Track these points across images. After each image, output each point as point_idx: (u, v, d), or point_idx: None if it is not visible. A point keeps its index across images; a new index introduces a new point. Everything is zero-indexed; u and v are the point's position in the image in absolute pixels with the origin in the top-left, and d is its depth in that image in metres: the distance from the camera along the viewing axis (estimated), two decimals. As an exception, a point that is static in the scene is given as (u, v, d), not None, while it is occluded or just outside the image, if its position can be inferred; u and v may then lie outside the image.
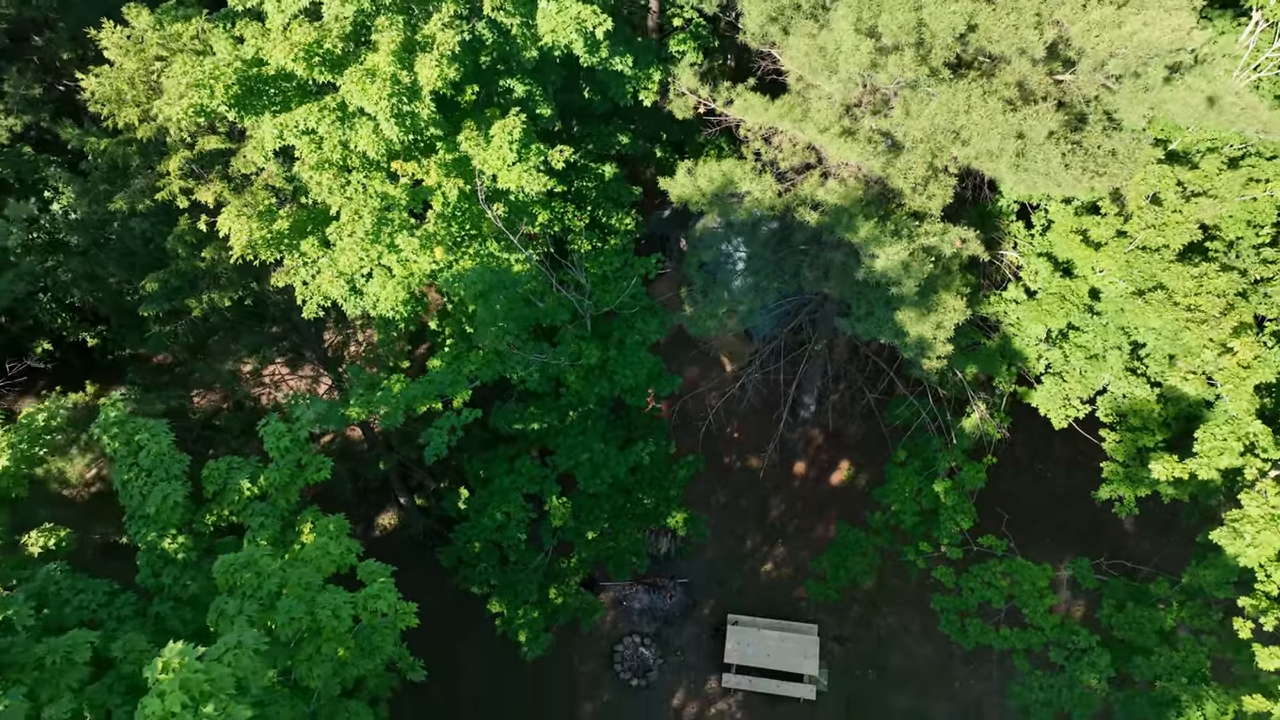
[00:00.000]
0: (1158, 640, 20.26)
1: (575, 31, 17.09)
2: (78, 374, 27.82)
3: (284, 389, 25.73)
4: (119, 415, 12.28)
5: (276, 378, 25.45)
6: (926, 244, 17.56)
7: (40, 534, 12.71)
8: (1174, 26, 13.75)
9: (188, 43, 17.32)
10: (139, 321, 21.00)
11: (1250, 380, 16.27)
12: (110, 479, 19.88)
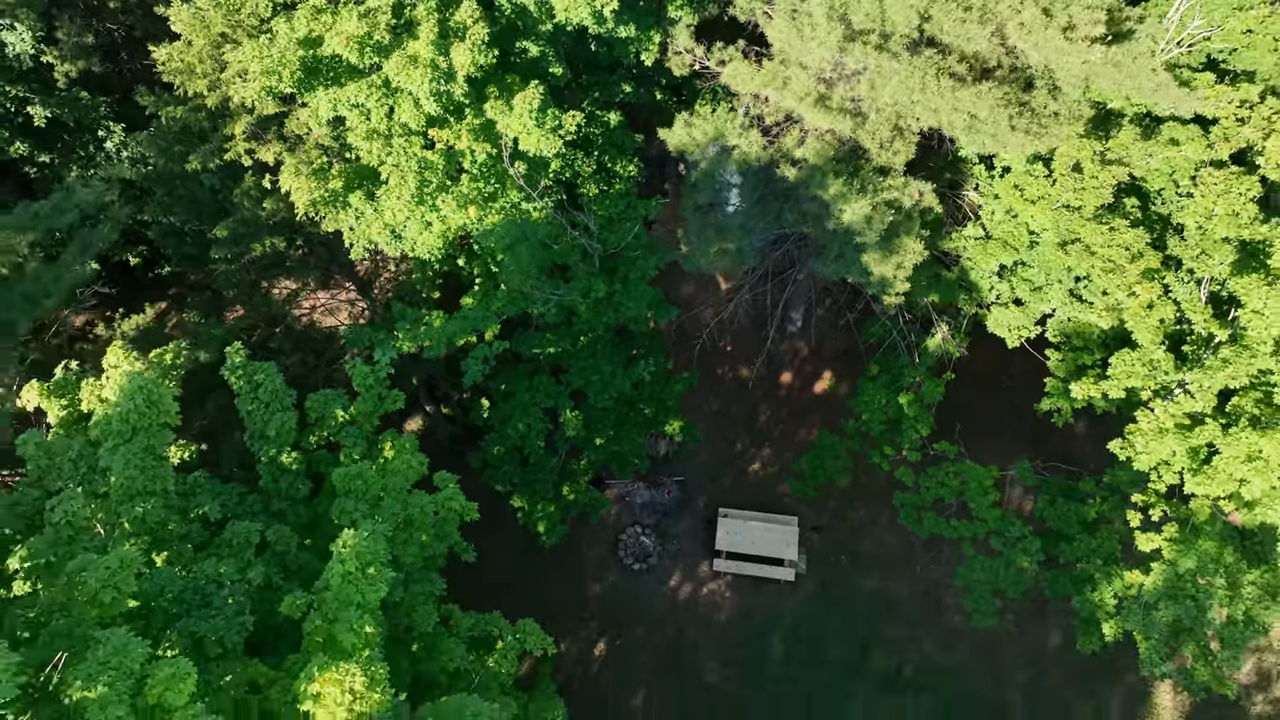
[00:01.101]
0: (1080, 529, 24.47)
1: (586, 8, 20.07)
2: (122, 291, 31.46)
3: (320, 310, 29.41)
4: (242, 360, 15.96)
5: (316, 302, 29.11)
6: (888, 198, 20.94)
7: (177, 449, 16.49)
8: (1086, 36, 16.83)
9: (245, 19, 20.31)
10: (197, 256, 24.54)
11: (1153, 317, 19.92)
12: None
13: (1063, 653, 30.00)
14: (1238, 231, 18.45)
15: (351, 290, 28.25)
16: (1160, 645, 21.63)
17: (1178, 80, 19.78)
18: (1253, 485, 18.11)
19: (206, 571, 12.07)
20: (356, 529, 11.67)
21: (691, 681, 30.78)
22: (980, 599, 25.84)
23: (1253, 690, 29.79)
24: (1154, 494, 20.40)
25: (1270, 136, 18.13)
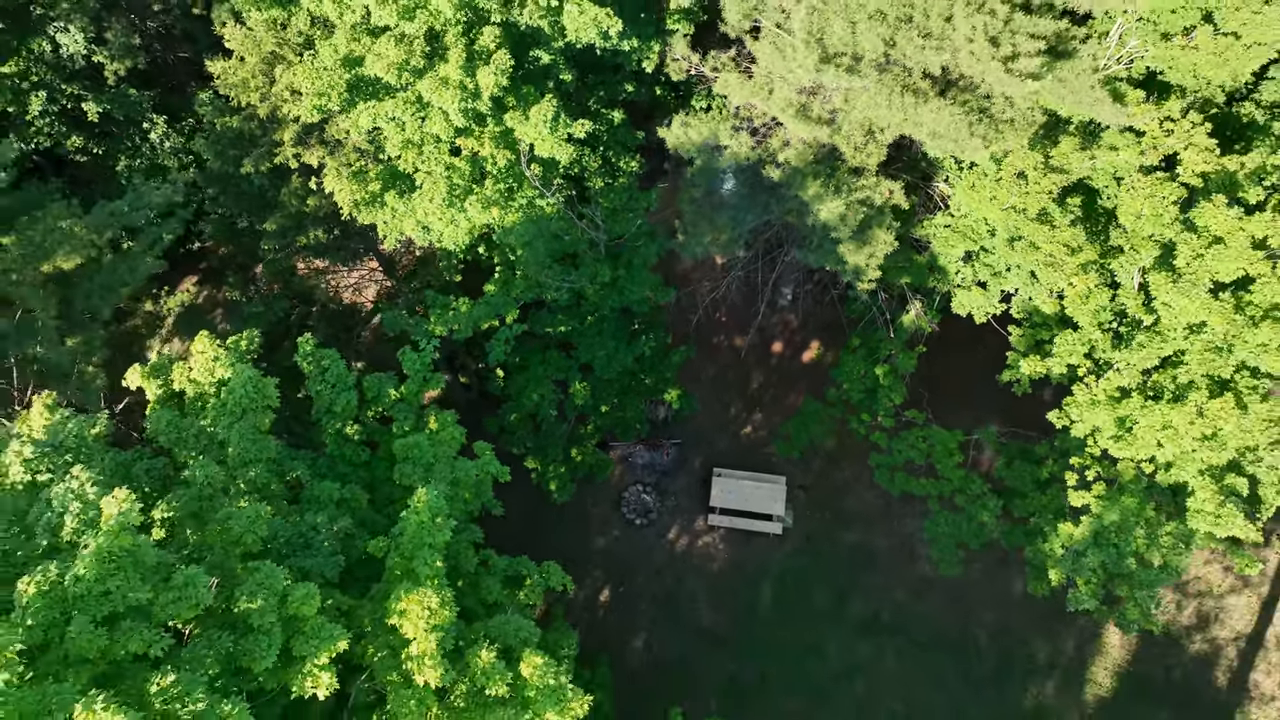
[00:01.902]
0: (1034, 487, 28.13)
1: (594, 30, 23.21)
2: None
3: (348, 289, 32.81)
4: (311, 348, 19.36)
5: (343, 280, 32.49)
6: (861, 197, 24.26)
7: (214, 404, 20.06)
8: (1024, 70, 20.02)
9: (291, 38, 23.46)
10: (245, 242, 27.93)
11: (1090, 304, 23.34)
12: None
13: (1024, 598, 33.77)
14: (1161, 230, 21.81)
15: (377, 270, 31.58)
16: (1096, 587, 25.38)
17: (1114, 94, 23.01)
18: (1165, 450, 21.70)
19: (307, 521, 15.60)
20: (420, 489, 15.25)
21: (688, 625, 34.65)
22: (945, 550, 29.61)
23: (1192, 631, 33.72)
24: (1090, 457, 23.99)
25: (1188, 148, 21.40)
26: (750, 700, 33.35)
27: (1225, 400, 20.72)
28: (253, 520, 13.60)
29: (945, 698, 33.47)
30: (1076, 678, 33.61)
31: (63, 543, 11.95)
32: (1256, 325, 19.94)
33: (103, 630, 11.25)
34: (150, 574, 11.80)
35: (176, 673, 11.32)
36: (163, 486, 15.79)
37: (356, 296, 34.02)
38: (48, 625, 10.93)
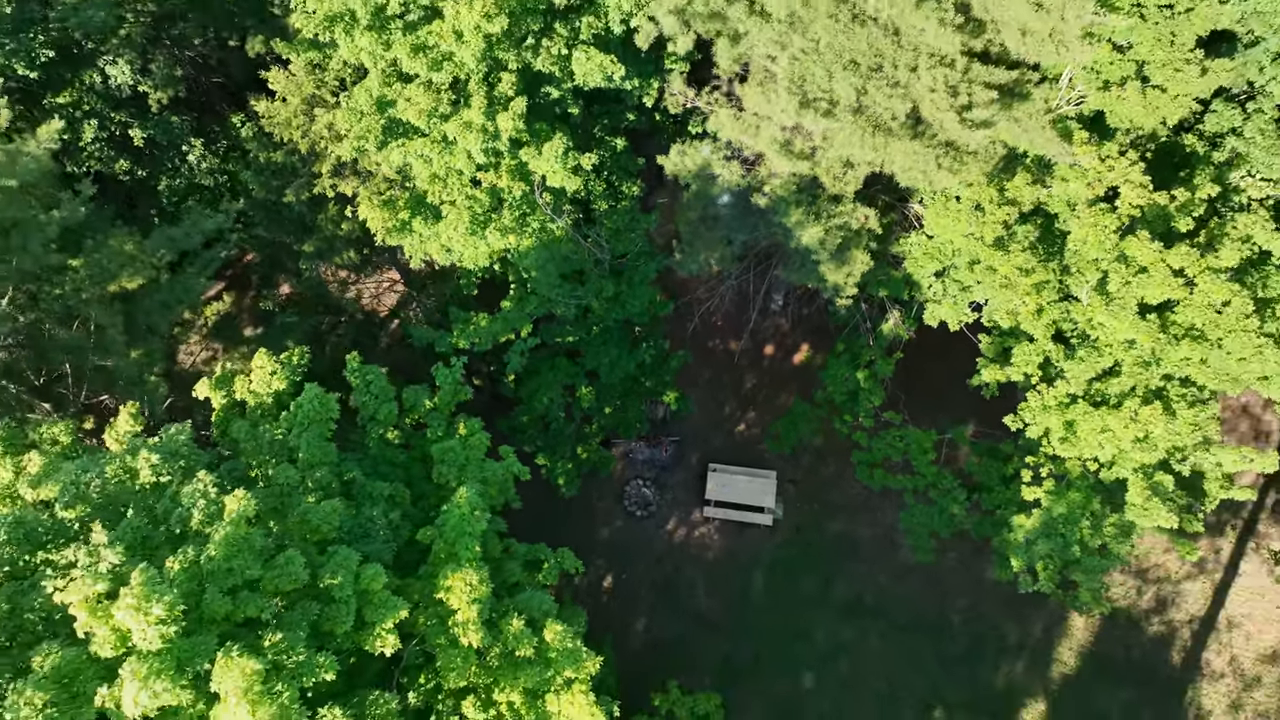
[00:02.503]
0: (999, 482, 31.49)
1: (599, 74, 26.48)
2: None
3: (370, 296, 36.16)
4: (358, 365, 22.63)
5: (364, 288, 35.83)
6: (839, 222, 27.57)
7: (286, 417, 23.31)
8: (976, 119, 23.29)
9: (329, 81, 26.72)
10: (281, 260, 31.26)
11: (1042, 319, 26.66)
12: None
13: (996, 584, 37.17)
14: (1102, 255, 25.12)
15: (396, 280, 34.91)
16: (1053, 573, 28.77)
17: (1063, 133, 26.31)
18: (1105, 450, 25.08)
19: (364, 514, 18.90)
20: (460, 488, 18.58)
21: (685, 609, 38.11)
22: (920, 538, 33.01)
23: (1150, 614, 37.21)
24: (1043, 456, 27.38)
25: (1126, 184, 24.69)
26: (743, 679, 36.81)
27: (1155, 407, 24.08)
28: (328, 514, 16.89)
29: (923, 676, 36.97)
30: (1043, 657, 37.11)
31: (191, 531, 15.22)
32: (1178, 343, 23.30)
33: (228, 598, 14.52)
34: (259, 556, 15.10)
35: (282, 632, 14.62)
36: (241, 484, 19.05)
37: (376, 304, 37.35)
38: (188, 594, 14.13)
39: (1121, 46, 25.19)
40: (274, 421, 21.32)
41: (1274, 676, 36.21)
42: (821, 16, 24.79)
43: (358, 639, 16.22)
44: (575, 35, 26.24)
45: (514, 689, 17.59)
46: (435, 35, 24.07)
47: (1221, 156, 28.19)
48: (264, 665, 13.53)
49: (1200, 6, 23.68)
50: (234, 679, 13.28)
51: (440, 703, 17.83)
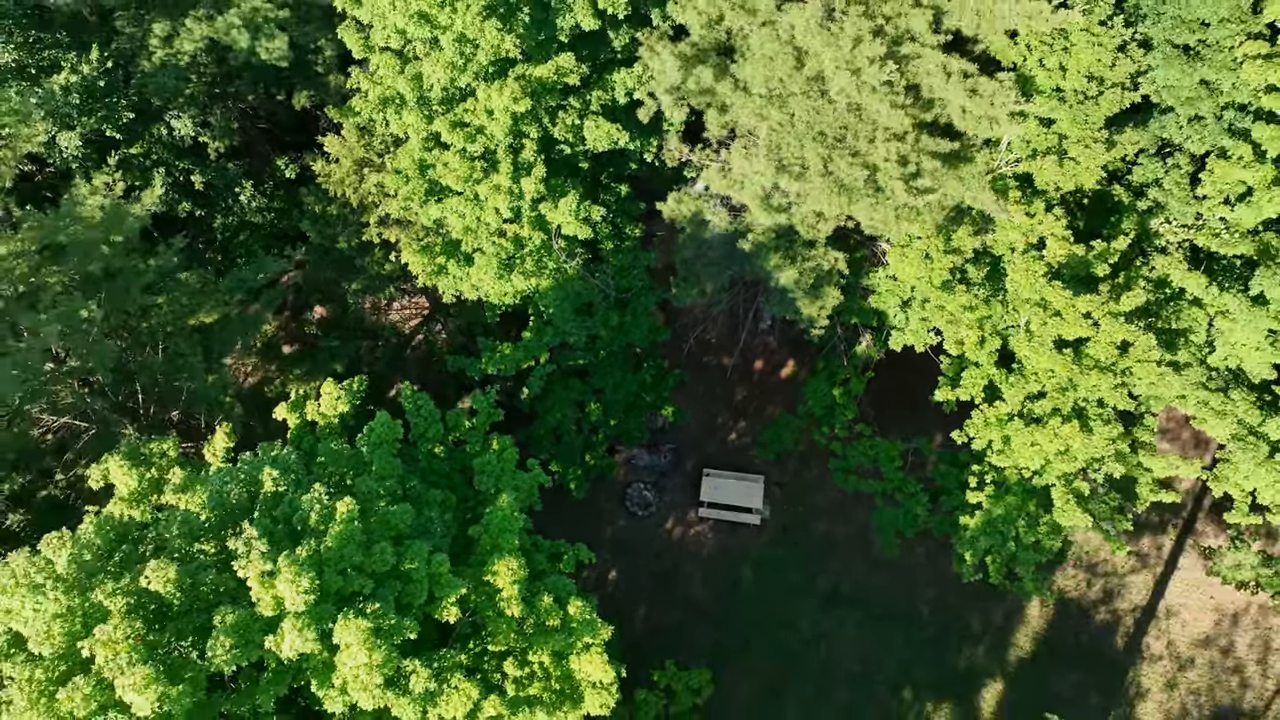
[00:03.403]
0: (958, 486, 37.08)
1: (607, 141, 32.06)
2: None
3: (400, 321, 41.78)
4: (411, 392, 28.10)
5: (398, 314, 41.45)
6: (813, 265, 33.17)
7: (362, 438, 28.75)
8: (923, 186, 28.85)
9: (376, 145, 32.30)
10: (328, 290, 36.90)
11: (986, 348, 32.24)
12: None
13: (960, 577, 42.84)
14: (1032, 294, 30.70)
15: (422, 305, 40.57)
16: (1000, 566, 34.39)
17: (1000, 190, 31.92)
18: (1034, 461, 30.71)
19: (424, 515, 24.37)
20: (503, 494, 24.07)
21: (681, 599, 43.76)
22: (888, 536, 38.67)
23: (1098, 604, 42.90)
24: (987, 465, 33.01)
25: (1050, 237, 30.28)
26: (734, 662, 42.45)
27: (1073, 425, 29.72)
28: (401, 515, 22.33)
29: (894, 659, 42.66)
30: (1002, 643, 42.81)
31: (309, 528, 20.68)
32: (1088, 373, 28.91)
33: (339, 577, 19.97)
34: (360, 546, 20.56)
35: (378, 603, 20.10)
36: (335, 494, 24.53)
37: (403, 326, 42.98)
38: (312, 575, 19.56)
39: (1047, 121, 30.76)
40: (339, 438, 26.94)
41: (1206, 659, 41.91)
42: (795, 94, 30.44)
43: (428, 610, 21.68)
44: (586, 107, 31.79)
45: (544, 651, 23.11)
46: (470, 114, 29.64)
47: (1145, 205, 33.89)
48: (370, 625, 18.98)
49: (1108, 93, 29.27)
50: (352, 634, 18.76)
51: (486, 663, 23.32)
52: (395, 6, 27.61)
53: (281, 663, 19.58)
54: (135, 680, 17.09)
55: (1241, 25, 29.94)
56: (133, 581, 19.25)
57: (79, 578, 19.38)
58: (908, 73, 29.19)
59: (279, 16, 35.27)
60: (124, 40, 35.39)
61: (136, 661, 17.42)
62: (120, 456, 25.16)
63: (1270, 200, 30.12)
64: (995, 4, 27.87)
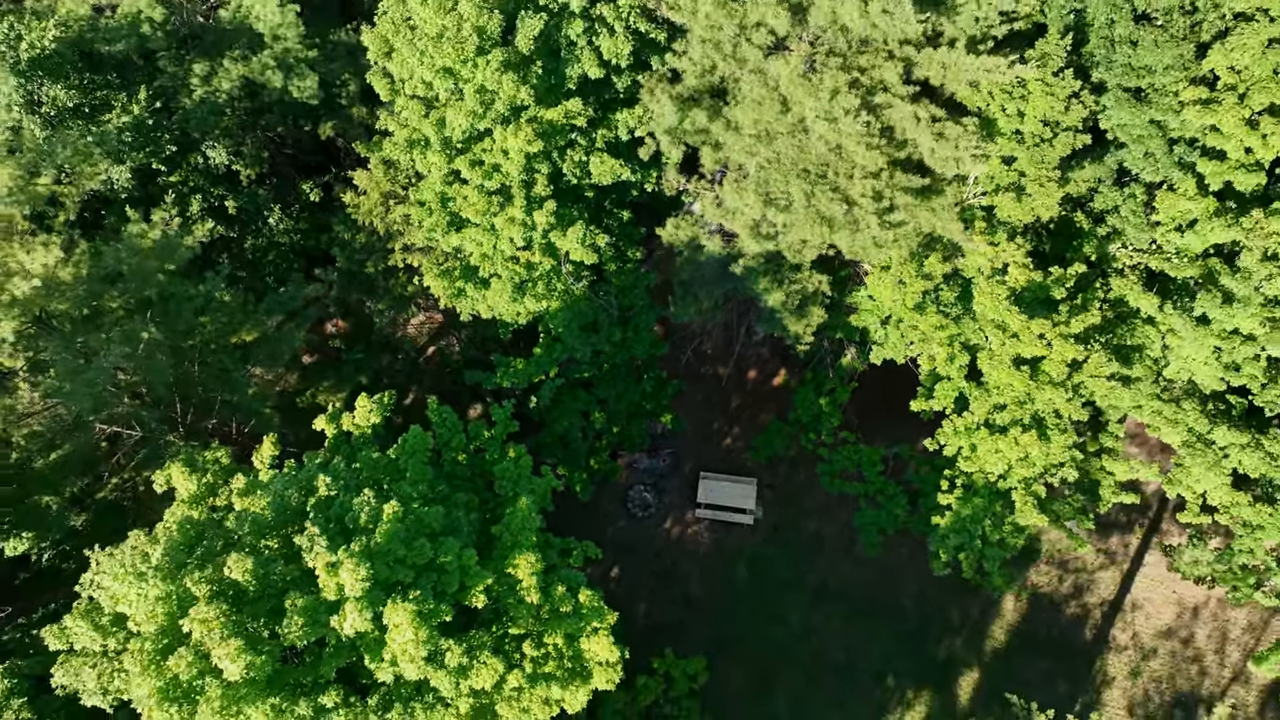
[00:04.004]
0: (934, 489, 40.99)
1: (611, 176, 35.97)
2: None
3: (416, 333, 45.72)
4: (438, 406, 31.98)
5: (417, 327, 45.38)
6: (798, 288, 37.10)
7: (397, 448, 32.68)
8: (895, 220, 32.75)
9: (401, 178, 36.21)
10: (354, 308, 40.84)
11: (956, 364, 36.17)
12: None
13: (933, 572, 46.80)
14: (996, 315, 34.63)
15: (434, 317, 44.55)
16: (972, 562, 38.34)
17: (967, 221, 35.83)
18: (998, 466, 34.66)
19: (453, 515, 28.20)
20: (522, 498, 27.93)
21: (680, 595, 47.72)
22: (869, 535, 42.64)
23: (1069, 598, 46.89)
24: (958, 469, 36.96)
25: (1012, 264, 34.19)
26: (728, 652, 46.41)
27: (1031, 434, 33.68)
28: (435, 515, 26.20)
29: (877, 650, 46.65)
30: (978, 634, 46.80)
31: (359, 527, 24.55)
32: (1043, 388, 32.88)
33: (386, 568, 23.80)
34: (403, 542, 24.41)
35: (419, 590, 23.95)
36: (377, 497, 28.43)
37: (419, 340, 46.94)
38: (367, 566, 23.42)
39: (1009, 160, 34.68)
40: (371, 446, 30.90)
41: (1167, 649, 45.92)
42: (781, 134, 34.38)
43: (459, 597, 25.53)
44: (592, 144, 35.70)
45: (558, 634, 26.95)
46: (487, 153, 33.56)
47: (1105, 230, 37.88)
48: (415, 608, 22.84)
49: (1061, 136, 33.19)
50: (400, 615, 22.64)
51: (507, 644, 27.17)
52: (423, 61, 31.53)
53: (340, 639, 23.46)
54: (229, 650, 21.01)
55: (1185, 71, 33.92)
56: (215, 571, 23.13)
57: (171, 568, 23.25)
58: (882, 117, 33.11)
59: (309, 56, 39.24)
60: (166, 79, 39.31)
61: (228, 636, 21.31)
62: (180, 463, 29.11)
63: (1213, 229, 34.08)
64: (958, 59, 31.77)
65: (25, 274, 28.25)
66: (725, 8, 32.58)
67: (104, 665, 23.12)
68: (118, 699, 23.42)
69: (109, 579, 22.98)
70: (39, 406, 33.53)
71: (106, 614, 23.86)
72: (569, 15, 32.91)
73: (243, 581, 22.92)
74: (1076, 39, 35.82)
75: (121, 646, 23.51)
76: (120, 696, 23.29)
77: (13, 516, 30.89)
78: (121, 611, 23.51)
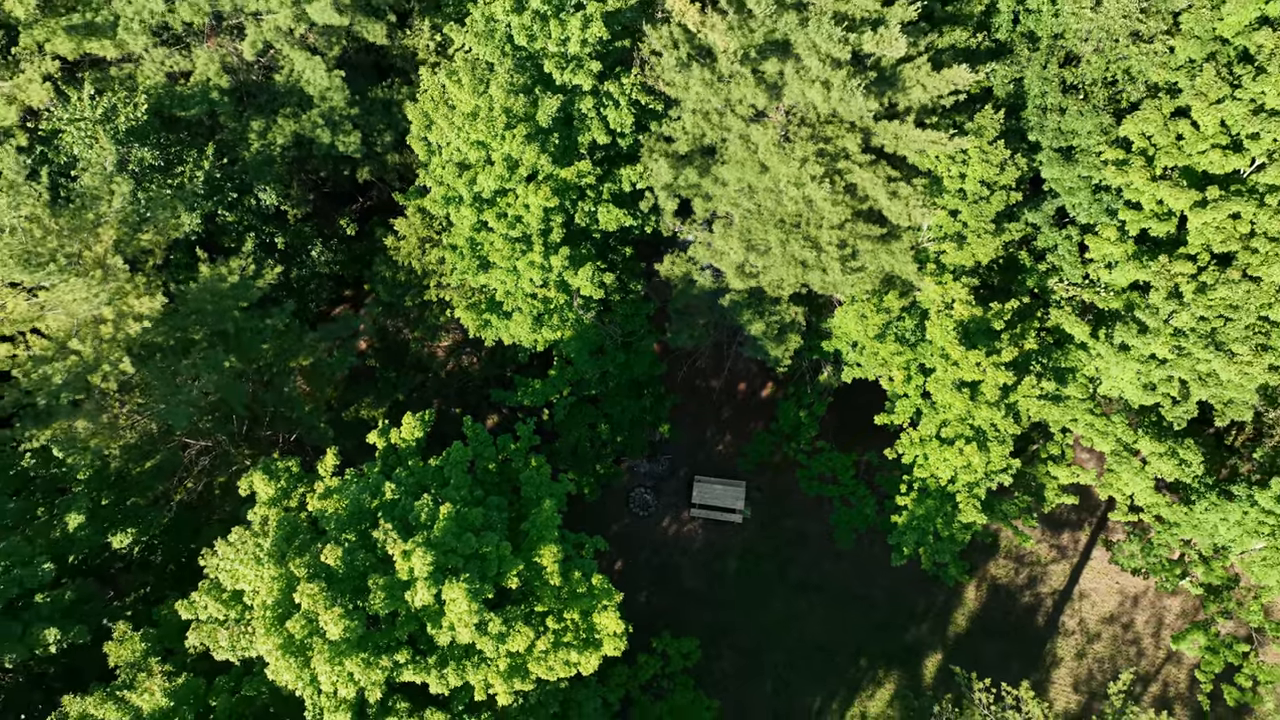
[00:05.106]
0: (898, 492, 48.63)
1: (616, 224, 43.60)
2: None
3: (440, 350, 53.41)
4: (470, 424, 39.55)
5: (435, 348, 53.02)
6: (777, 319, 44.75)
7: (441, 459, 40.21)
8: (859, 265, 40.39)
9: (436, 224, 43.83)
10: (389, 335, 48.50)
11: (912, 384, 43.77)
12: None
13: (907, 567, 54.46)
14: (944, 345, 42.22)
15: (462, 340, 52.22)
16: (929, 556, 46.00)
17: (923, 260, 43.44)
18: (946, 472, 42.30)
19: (489, 515, 35.57)
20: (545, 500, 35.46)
21: (676, 586, 55.38)
22: (843, 532, 50.35)
23: (1024, 588, 54.60)
24: (914, 475, 44.62)
25: (957, 301, 41.79)
26: (720, 638, 54.10)
27: (973, 446, 41.31)
28: (476, 515, 33.66)
29: (852, 635, 54.34)
30: (942, 621, 54.49)
31: (419, 524, 32.06)
32: (981, 407, 40.54)
33: (443, 556, 31.46)
34: (454, 536, 31.84)
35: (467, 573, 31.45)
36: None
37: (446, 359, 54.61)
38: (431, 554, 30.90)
39: (954, 212, 42.28)
40: (416, 457, 38.52)
41: (1110, 633, 53.63)
42: (761, 190, 42.02)
43: (497, 580, 33.06)
44: (599, 197, 43.31)
45: (575, 611, 34.46)
46: (510, 207, 41.16)
47: (1045, 267, 45.55)
48: (466, 587, 30.33)
49: (997, 193, 40.80)
50: (456, 592, 30.19)
51: (535, 618, 34.69)
52: (459, 135, 39.11)
53: (409, 611, 30.98)
54: (332, 616, 28.56)
55: (1105, 135, 41.57)
56: (311, 558, 30.70)
57: (277, 555, 30.83)
58: (846, 178, 40.70)
59: (352, 114, 46.86)
60: (227, 134, 46.95)
61: (330, 606, 28.86)
62: (261, 471, 36.74)
63: (1132, 269, 41.71)
64: (908, 131, 39.32)
65: (137, 316, 35.79)
66: (712, 87, 40.14)
67: (234, 629, 30.72)
68: (243, 655, 31.08)
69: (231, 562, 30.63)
70: (128, 423, 41.15)
71: (227, 591, 31.51)
72: (580, 93, 40.48)
73: (334, 566, 30.52)
74: (1016, 105, 43.61)
75: (239, 617, 31.15)
76: (245, 654, 30.93)
77: (118, 515, 38.50)
78: (239, 589, 31.12)
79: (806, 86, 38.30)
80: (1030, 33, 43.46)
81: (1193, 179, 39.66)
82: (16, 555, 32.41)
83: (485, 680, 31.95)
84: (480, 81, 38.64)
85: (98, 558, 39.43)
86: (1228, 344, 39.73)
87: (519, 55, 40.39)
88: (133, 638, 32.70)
